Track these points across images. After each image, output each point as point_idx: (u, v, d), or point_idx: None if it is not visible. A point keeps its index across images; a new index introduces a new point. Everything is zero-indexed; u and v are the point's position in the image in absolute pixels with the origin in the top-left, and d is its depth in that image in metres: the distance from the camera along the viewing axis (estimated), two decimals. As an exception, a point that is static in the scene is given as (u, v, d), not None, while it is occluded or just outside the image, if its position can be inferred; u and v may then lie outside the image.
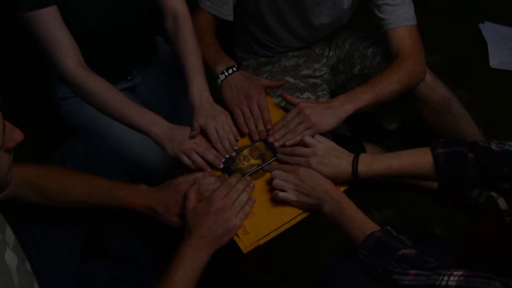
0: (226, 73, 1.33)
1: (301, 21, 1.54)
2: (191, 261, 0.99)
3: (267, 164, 1.21)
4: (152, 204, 1.10)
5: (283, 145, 1.22)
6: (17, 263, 0.86)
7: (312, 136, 1.18)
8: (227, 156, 1.22)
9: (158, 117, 1.22)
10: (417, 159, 1.08)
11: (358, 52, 1.59)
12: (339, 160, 1.12)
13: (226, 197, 1.06)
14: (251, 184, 1.14)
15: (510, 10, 2.29)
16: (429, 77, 1.45)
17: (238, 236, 1.08)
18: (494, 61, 2.11)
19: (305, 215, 1.12)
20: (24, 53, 1.88)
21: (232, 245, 1.07)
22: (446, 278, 0.84)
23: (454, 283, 0.83)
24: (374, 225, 1.00)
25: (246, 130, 1.26)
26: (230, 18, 1.46)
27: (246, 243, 1.07)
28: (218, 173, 1.20)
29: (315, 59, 1.69)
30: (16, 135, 0.81)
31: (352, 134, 1.65)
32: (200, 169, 1.19)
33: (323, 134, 1.22)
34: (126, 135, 1.43)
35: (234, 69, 1.33)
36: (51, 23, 1.22)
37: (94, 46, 1.38)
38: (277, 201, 1.13)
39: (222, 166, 1.20)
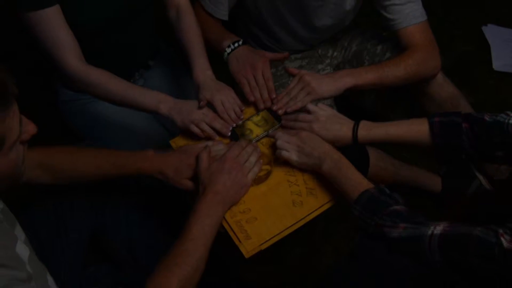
0: (233, 46, 1.40)
1: (302, 23, 1.54)
2: (208, 215, 1.03)
3: (273, 130, 1.26)
4: (162, 167, 1.13)
5: (286, 113, 1.28)
6: (29, 254, 0.89)
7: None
8: (234, 125, 1.27)
9: (163, 95, 1.28)
10: (414, 126, 1.15)
11: (367, 50, 1.60)
12: (340, 125, 1.19)
13: (238, 157, 1.13)
14: (258, 149, 1.19)
15: (513, 12, 2.29)
16: (439, 74, 1.46)
17: (240, 241, 1.08)
18: (497, 64, 2.10)
19: (307, 220, 1.12)
20: (26, 58, 1.88)
21: (233, 249, 1.08)
22: (432, 228, 0.93)
23: (439, 232, 0.91)
24: (369, 184, 1.06)
25: (252, 98, 1.32)
26: (225, 18, 1.51)
27: (248, 248, 1.07)
28: (226, 141, 1.25)
29: (318, 60, 1.69)
30: (30, 128, 0.87)
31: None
32: (208, 139, 1.24)
33: None
34: (129, 137, 1.45)
35: (240, 43, 1.40)
36: (53, 23, 1.24)
37: (96, 47, 1.39)
38: (279, 206, 1.14)
39: (230, 134, 1.25)
